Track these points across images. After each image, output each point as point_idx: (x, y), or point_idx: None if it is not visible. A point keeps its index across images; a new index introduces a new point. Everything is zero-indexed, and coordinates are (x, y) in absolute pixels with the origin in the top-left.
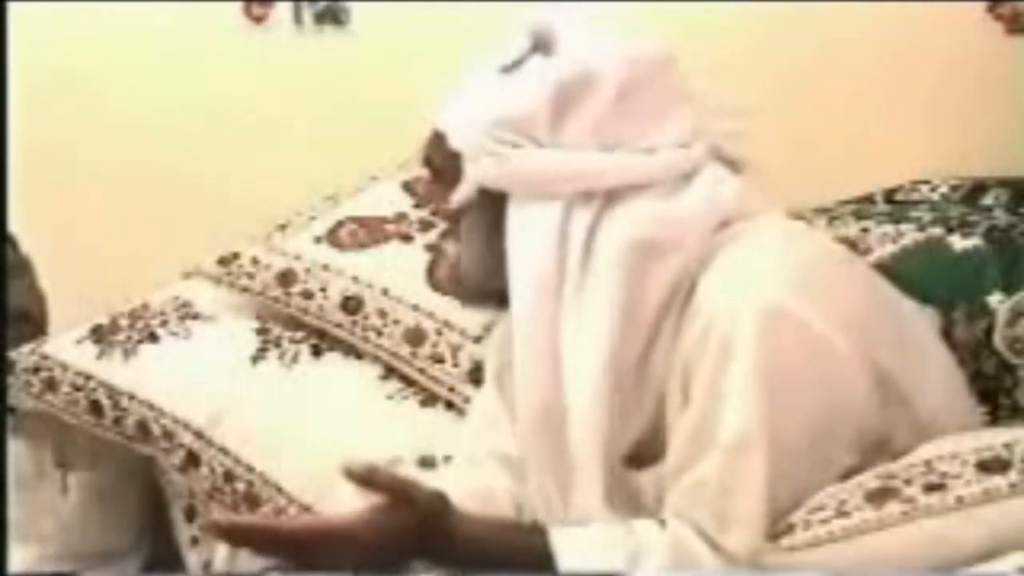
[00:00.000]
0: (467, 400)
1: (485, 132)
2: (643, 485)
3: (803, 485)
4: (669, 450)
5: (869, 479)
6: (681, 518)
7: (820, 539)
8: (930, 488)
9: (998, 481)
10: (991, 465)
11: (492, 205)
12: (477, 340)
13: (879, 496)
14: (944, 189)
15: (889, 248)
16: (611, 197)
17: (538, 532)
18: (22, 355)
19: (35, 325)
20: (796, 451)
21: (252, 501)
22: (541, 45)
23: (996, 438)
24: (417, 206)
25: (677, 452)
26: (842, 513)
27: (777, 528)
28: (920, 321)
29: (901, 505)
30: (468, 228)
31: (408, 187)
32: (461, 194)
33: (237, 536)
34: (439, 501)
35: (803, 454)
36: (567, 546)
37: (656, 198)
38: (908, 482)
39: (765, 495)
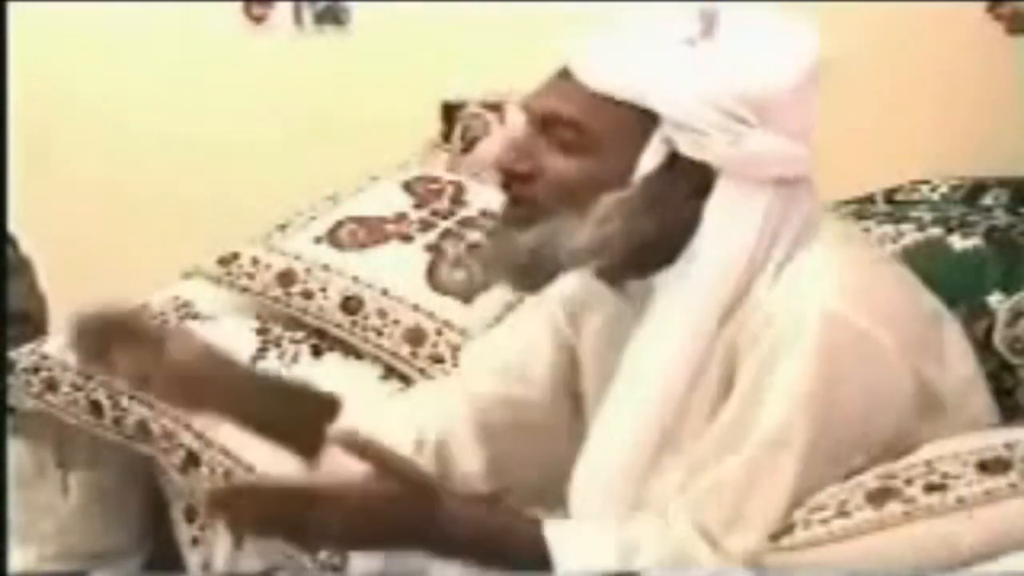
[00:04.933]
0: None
1: (720, 108)
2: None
3: (821, 487)
4: (697, 441)
5: (870, 479)
6: (688, 513)
7: (820, 539)
8: (931, 488)
9: (999, 481)
10: (992, 465)
11: (669, 179)
12: None
13: (880, 496)
14: (944, 189)
15: (889, 248)
16: (791, 190)
17: (533, 522)
18: (22, 355)
19: (35, 325)
20: (829, 457)
21: None
22: (706, 28)
23: (996, 438)
24: (417, 206)
25: (704, 446)
26: (843, 513)
27: (777, 528)
28: (952, 321)
29: (902, 505)
30: (618, 202)
31: (408, 187)
32: (649, 163)
33: (233, 509)
34: (427, 476)
35: (834, 460)
36: (561, 538)
37: (807, 194)
38: (909, 482)
39: (789, 499)
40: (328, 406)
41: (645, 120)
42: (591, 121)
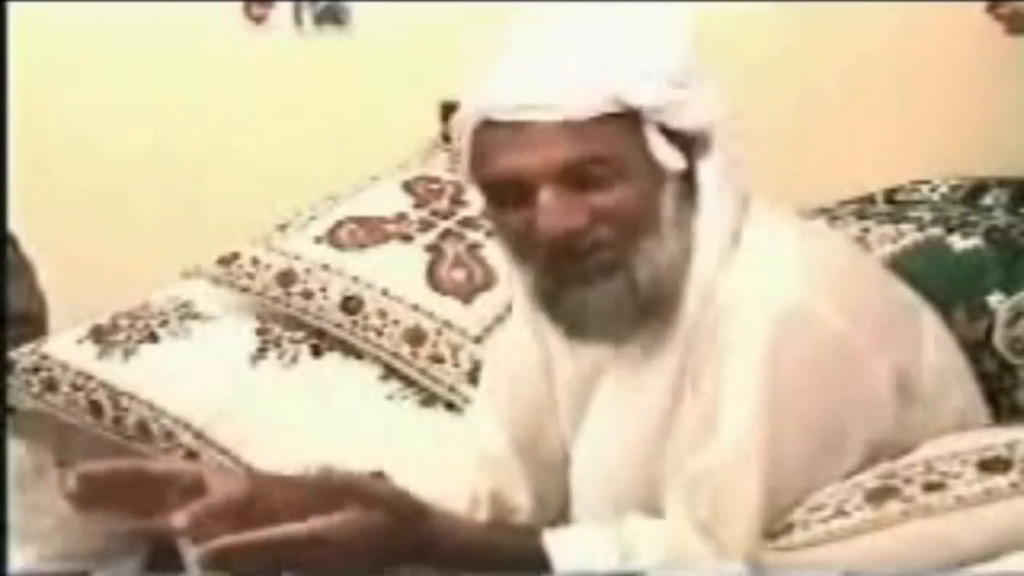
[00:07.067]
0: (467, 400)
1: (674, 82)
2: None
3: (810, 483)
4: (674, 437)
5: (869, 478)
6: (680, 507)
7: (819, 539)
8: (930, 487)
9: (999, 481)
10: (992, 465)
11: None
12: (477, 340)
13: (879, 495)
14: (944, 189)
15: (889, 248)
16: None
17: (529, 533)
18: (22, 355)
19: (35, 325)
20: (804, 451)
21: None
22: None
23: (997, 438)
24: (417, 206)
25: (683, 441)
26: (842, 512)
27: (776, 527)
28: (929, 312)
29: (901, 504)
30: (676, 199)
31: (408, 187)
32: (666, 153)
33: (226, 558)
34: (408, 499)
35: (811, 454)
36: (561, 547)
37: None
38: (908, 481)
39: (762, 492)
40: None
41: (625, 118)
42: (596, 147)
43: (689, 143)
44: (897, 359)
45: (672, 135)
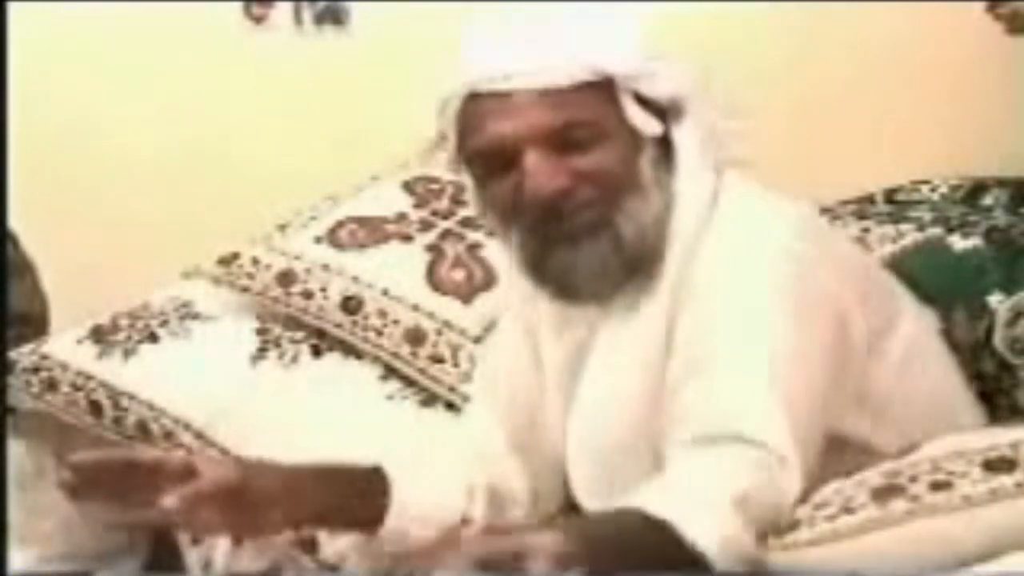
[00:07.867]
0: (467, 400)
1: (645, 53)
2: None
3: (823, 416)
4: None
5: (874, 476)
6: (719, 430)
7: (825, 537)
8: (936, 486)
9: (1004, 480)
10: (997, 464)
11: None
12: (477, 340)
13: (884, 494)
14: (944, 189)
15: (889, 248)
16: None
17: (625, 512)
18: (22, 355)
19: (36, 326)
20: (816, 384)
21: None
22: None
23: (1001, 437)
24: (417, 206)
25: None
26: (847, 510)
27: (781, 525)
28: (907, 297)
29: (906, 503)
30: (653, 162)
31: (408, 187)
32: (641, 118)
33: None
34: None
35: (821, 387)
36: (675, 509)
37: None
38: (913, 480)
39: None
40: (377, 479)
41: (602, 86)
42: (577, 112)
43: (664, 111)
44: (872, 320)
45: (647, 103)
